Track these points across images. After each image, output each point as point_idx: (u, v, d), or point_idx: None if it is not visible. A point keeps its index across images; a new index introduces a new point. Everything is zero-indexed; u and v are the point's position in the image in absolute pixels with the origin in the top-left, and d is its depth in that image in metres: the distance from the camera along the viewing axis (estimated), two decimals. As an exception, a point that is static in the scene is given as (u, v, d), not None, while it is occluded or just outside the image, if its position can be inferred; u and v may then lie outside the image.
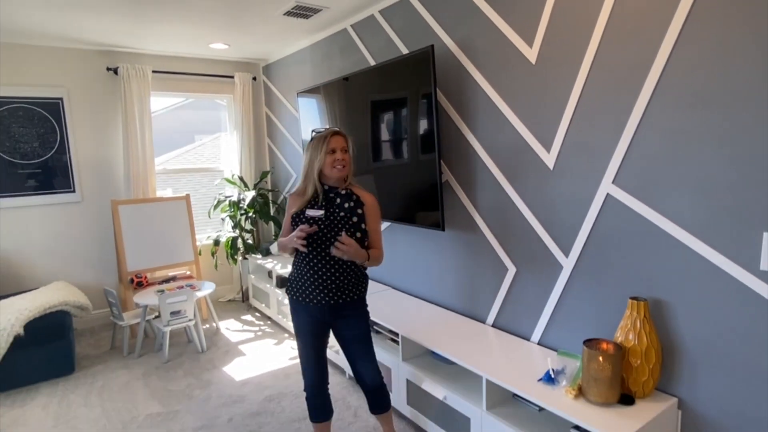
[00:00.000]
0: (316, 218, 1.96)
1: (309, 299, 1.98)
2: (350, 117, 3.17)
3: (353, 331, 2.04)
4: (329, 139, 1.96)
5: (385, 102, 2.83)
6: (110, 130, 4.08)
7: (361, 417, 2.58)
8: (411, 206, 2.77)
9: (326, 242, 1.95)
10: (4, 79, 3.62)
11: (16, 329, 2.88)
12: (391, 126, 2.84)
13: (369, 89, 2.94)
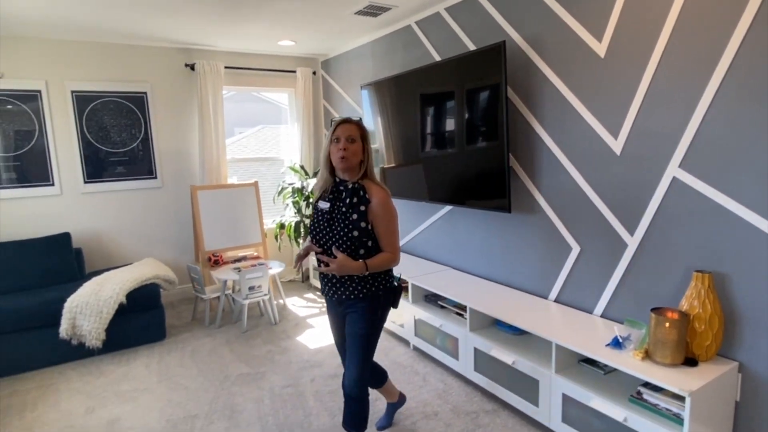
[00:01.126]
0: (324, 211, 1.92)
1: (329, 295, 2.02)
2: (414, 108, 3.40)
3: (351, 328, 1.96)
4: (336, 127, 1.90)
5: (453, 94, 3.05)
6: (187, 121, 4.45)
7: (429, 382, 2.84)
8: (474, 191, 2.99)
9: (325, 236, 1.90)
10: (98, 75, 4.02)
11: (120, 298, 3.27)
12: (456, 116, 3.06)
13: (436, 82, 3.17)
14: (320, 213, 1.94)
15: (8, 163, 3.77)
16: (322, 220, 1.93)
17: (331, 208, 1.92)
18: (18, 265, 3.48)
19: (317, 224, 1.94)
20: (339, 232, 1.87)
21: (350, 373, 1.94)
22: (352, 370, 1.94)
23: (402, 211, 4.02)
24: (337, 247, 1.87)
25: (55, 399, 2.78)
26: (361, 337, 1.93)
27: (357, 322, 1.94)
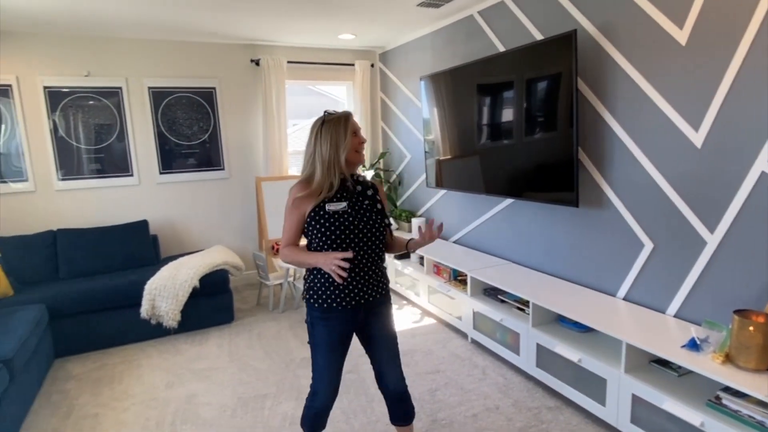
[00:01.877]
0: (339, 212, 1.73)
1: (346, 302, 1.75)
2: (472, 100, 3.37)
3: (384, 330, 1.87)
4: (351, 120, 1.76)
5: (513, 84, 2.99)
6: (251, 115, 4.63)
7: (489, 375, 2.84)
8: (537, 184, 2.94)
9: (358, 235, 1.74)
10: (172, 72, 4.27)
11: (194, 282, 3.49)
12: (517, 107, 3.00)
13: (498, 73, 3.12)
14: (338, 215, 1.72)
15: (92, 155, 4.10)
16: (347, 221, 1.73)
17: (351, 206, 1.76)
18: (103, 249, 3.79)
19: (342, 226, 1.72)
20: (375, 224, 1.78)
21: (397, 372, 1.91)
22: (396, 368, 1.91)
23: (458, 204, 4.01)
24: (374, 241, 1.77)
25: (138, 373, 3.03)
26: (395, 335, 1.92)
27: (389, 322, 1.89)
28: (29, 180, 3.89)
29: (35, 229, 3.87)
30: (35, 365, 2.81)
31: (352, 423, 2.42)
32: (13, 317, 2.81)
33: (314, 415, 1.85)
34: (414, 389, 2.70)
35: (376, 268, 1.79)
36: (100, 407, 2.65)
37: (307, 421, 1.88)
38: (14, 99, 3.78)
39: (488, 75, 3.24)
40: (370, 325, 1.83)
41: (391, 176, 5.14)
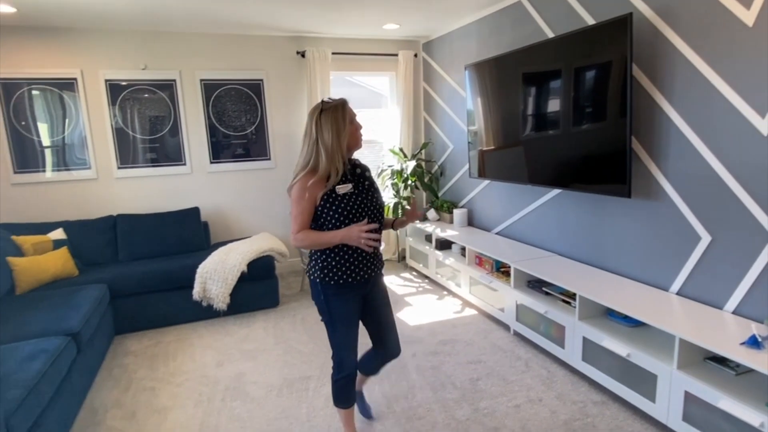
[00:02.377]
0: (348, 194, 1.85)
1: (360, 277, 1.90)
2: (517, 89, 3.31)
3: (384, 299, 2.04)
4: (347, 107, 1.85)
5: (561, 72, 2.91)
6: (296, 106, 4.73)
7: (532, 368, 2.81)
8: (585, 174, 2.86)
9: (363, 214, 1.86)
10: (223, 64, 4.41)
11: (242, 267, 3.63)
12: (565, 96, 2.92)
13: (546, 60, 3.04)
14: (347, 197, 1.84)
15: (147, 145, 4.31)
16: (354, 201, 1.85)
17: (356, 187, 1.89)
18: (158, 234, 4.00)
19: (351, 206, 1.83)
20: (378, 204, 1.95)
21: (396, 336, 2.14)
22: (395, 333, 2.14)
23: (501, 195, 3.96)
24: (378, 215, 1.93)
25: (191, 352, 3.19)
26: (390, 304, 2.11)
27: (386, 293, 2.09)
28: (92, 168, 4.15)
29: (97, 214, 4.12)
30: (98, 340, 3.01)
31: (393, 407, 2.46)
32: (78, 295, 3.02)
33: (345, 385, 2.00)
34: (455, 378, 2.71)
35: (378, 243, 1.88)
36: (157, 381, 2.82)
37: (341, 395, 2.03)
38: (79, 92, 4.03)
39: (535, 63, 3.16)
40: (373, 295, 2.01)
41: (433, 167, 5.12)
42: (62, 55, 3.95)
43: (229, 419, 2.41)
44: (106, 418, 2.46)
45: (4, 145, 3.90)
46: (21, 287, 3.19)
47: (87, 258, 3.76)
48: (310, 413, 2.43)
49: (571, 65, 2.87)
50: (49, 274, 3.32)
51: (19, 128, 3.92)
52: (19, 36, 3.82)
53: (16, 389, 1.91)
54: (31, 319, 2.66)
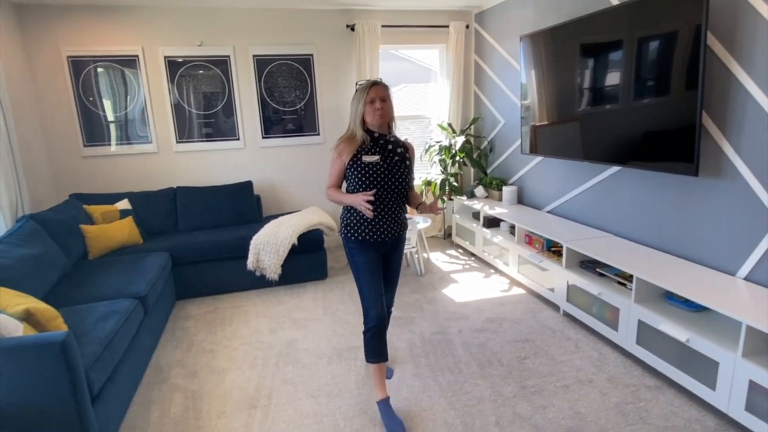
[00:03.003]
0: (373, 163, 2.12)
1: (377, 236, 2.16)
2: (581, 60, 3.14)
3: (397, 262, 2.34)
4: (369, 89, 2.10)
5: (628, 42, 2.74)
6: (345, 81, 4.73)
7: (582, 349, 2.76)
8: (646, 151, 2.72)
9: (386, 184, 2.12)
10: (274, 39, 4.46)
11: (293, 239, 3.74)
12: (631, 67, 2.75)
13: (610, 29, 2.87)
14: (372, 166, 2.11)
15: (202, 121, 4.46)
16: (380, 171, 2.11)
17: (384, 159, 2.13)
18: (214, 206, 4.17)
19: (375, 175, 2.10)
20: (400, 177, 2.15)
21: (392, 295, 2.43)
22: (393, 293, 2.43)
23: (554, 172, 3.83)
24: (401, 190, 2.16)
25: (245, 318, 3.35)
26: (400, 268, 2.39)
27: (400, 257, 2.35)
28: (153, 142, 4.36)
29: (159, 186, 4.35)
30: (162, 304, 3.22)
31: (439, 380, 2.49)
32: (143, 262, 3.23)
33: (371, 338, 2.17)
34: (502, 355, 2.71)
35: (399, 210, 2.20)
36: (215, 345, 2.99)
37: (368, 348, 2.20)
38: (140, 68, 4.21)
39: (595, 33, 2.99)
40: (390, 257, 2.29)
41: (482, 143, 5.01)
42: (125, 33, 4.12)
43: (282, 383, 2.53)
44: (171, 376, 2.64)
45: (75, 119, 4.16)
46: (92, 253, 3.44)
47: (150, 227, 4.00)
48: (358, 382, 2.51)
49: (634, 34, 2.69)
50: (116, 241, 3.56)
51: (87, 104, 4.16)
52: (86, 15, 4.01)
53: (93, 345, 2.08)
54: (103, 283, 2.87)
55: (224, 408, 2.33)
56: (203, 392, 2.47)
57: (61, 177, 4.22)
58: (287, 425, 2.18)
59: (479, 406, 2.27)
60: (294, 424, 2.19)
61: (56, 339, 1.74)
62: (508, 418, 2.17)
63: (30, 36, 3.95)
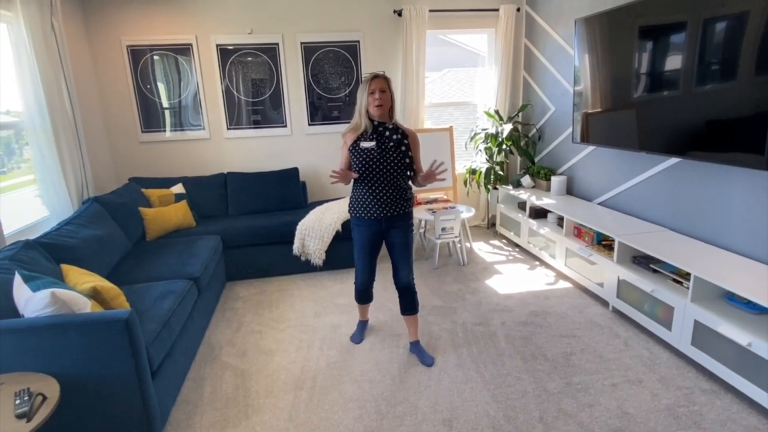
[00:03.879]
0: (369, 149, 2.36)
1: (369, 214, 2.43)
2: (639, 44, 2.97)
3: (400, 238, 2.50)
4: (370, 82, 2.32)
5: (692, 23, 2.56)
6: (391, 67, 4.70)
7: (631, 347, 2.67)
8: (711, 141, 2.55)
9: (380, 167, 2.36)
10: (322, 27, 4.48)
11: (337, 226, 3.79)
12: (693, 50, 2.58)
13: (674, 10, 2.69)
14: (368, 151, 2.35)
15: (251, 108, 4.57)
16: (373, 156, 2.35)
17: (379, 145, 2.36)
18: (262, 191, 4.29)
19: (370, 160, 2.35)
20: (393, 161, 2.37)
21: (408, 273, 2.58)
22: (408, 270, 2.58)
23: (606, 163, 3.67)
24: (393, 173, 2.37)
25: (291, 302, 3.46)
26: (410, 244, 2.55)
27: (406, 234, 2.52)
28: (205, 128, 4.51)
29: (210, 171, 4.51)
30: (213, 285, 3.36)
31: (482, 372, 2.48)
32: (197, 244, 3.38)
33: (357, 291, 2.75)
34: (547, 350, 2.67)
35: (393, 191, 2.42)
36: (263, 326, 3.11)
37: (356, 296, 2.79)
38: (193, 56, 4.35)
39: (655, 14, 2.82)
40: (391, 234, 2.51)
41: (530, 130, 4.87)
42: (180, 22, 4.26)
43: (326, 366, 2.60)
44: (222, 355, 2.77)
45: (134, 106, 4.36)
46: (150, 234, 3.63)
47: (202, 211, 4.16)
48: (401, 369, 2.54)
49: (700, 15, 2.52)
50: (172, 224, 3.74)
51: (144, 91, 4.35)
52: (144, 5, 4.17)
53: (153, 323, 2.21)
54: (160, 263, 3.03)
55: (272, 388, 2.42)
56: (252, 371, 2.58)
57: (121, 161, 4.46)
58: (332, 408, 2.25)
59: (522, 400, 2.25)
60: (338, 407, 2.25)
61: (121, 316, 1.86)
62: (553, 414, 2.14)
63: (93, 27, 4.15)
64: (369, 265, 2.63)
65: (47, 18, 3.29)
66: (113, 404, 1.92)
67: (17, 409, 1.55)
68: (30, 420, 1.52)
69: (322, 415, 2.20)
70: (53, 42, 3.34)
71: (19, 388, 1.66)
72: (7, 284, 2.01)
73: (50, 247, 2.50)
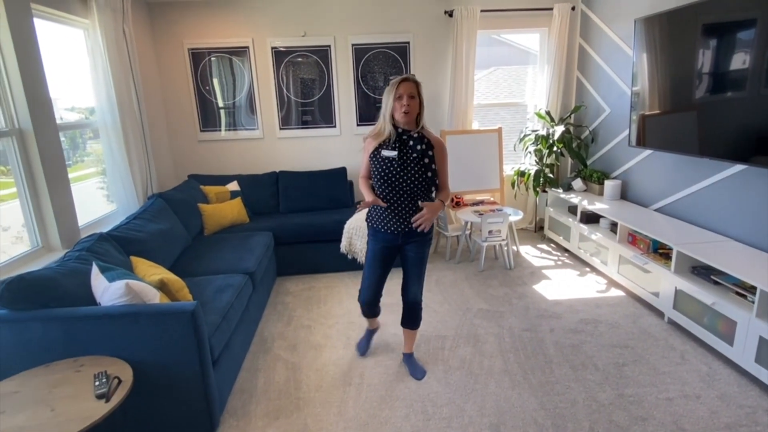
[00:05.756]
0: (390, 158, 2.19)
1: (386, 227, 2.30)
2: (703, 42, 2.84)
3: (414, 254, 2.36)
4: (398, 85, 2.12)
5: (763, 19, 2.43)
6: (440, 68, 4.70)
7: (689, 361, 2.57)
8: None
9: (400, 179, 2.19)
10: (372, 28, 4.54)
11: (384, 226, 3.84)
12: (763, 49, 2.44)
13: (743, 6, 2.55)
14: (388, 160, 2.19)
15: (301, 108, 4.69)
16: (394, 167, 2.19)
17: (401, 155, 2.18)
18: (311, 190, 4.40)
19: (390, 170, 2.19)
20: (414, 174, 2.19)
21: (417, 288, 2.45)
22: (419, 286, 2.45)
23: (665, 168, 3.53)
24: (414, 187, 2.20)
25: (338, 298, 3.54)
26: (424, 261, 2.41)
27: (423, 250, 2.37)
28: (259, 128, 4.68)
29: (263, 169, 4.68)
30: (266, 280, 3.50)
31: (530, 379, 2.47)
32: (251, 240, 3.52)
33: (362, 307, 2.59)
34: (597, 360, 2.61)
35: (413, 205, 2.25)
36: (312, 321, 3.21)
37: (362, 311, 2.63)
38: (250, 59, 4.51)
39: (722, 11, 2.68)
40: (406, 249, 2.37)
41: (583, 132, 4.74)
42: (237, 26, 4.43)
43: (374, 364, 2.66)
44: (273, 347, 2.89)
45: (194, 106, 4.58)
46: (208, 229, 3.82)
47: (255, 207, 4.33)
48: (446, 371, 2.57)
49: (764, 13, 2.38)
50: (228, 219, 3.92)
51: (203, 92, 4.56)
52: (205, 10, 4.37)
53: (214, 315, 2.34)
54: (218, 257, 3.19)
55: (321, 382, 2.51)
56: (302, 365, 2.68)
57: (180, 159, 4.70)
58: (379, 405, 2.30)
59: (572, 409, 2.22)
60: (385, 405, 2.30)
61: (187, 308, 1.99)
62: (604, 426, 2.10)
63: (158, 31, 4.39)
64: (378, 280, 2.45)
65: (119, 25, 3.51)
66: (178, 390, 2.05)
67: (97, 390, 1.69)
68: (108, 401, 1.65)
69: (370, 412, 2.26)
70: (124, 47, 3.57)
71: (98, 371, 1.81)
72: (85, 274, 2.18)
73: (121, 239, 2.68)
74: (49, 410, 1.60)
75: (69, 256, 2.32)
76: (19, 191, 2.67)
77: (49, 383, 1.76)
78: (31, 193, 2.70)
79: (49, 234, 2.79)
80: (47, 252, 2.78)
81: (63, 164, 2.88)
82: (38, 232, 2.75)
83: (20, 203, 2.69)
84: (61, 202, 2.83)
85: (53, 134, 2.80)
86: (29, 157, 2.68)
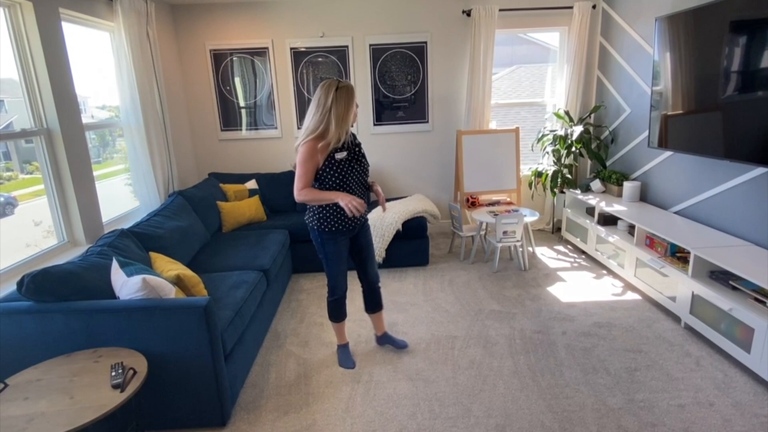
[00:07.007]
0: (343, 160, 2.29)
1: (349, 226, 2.41)
2: (730, 40, 2.76)
3: (367, 240, 2.57)
4: (353, 94, 2.25)
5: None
6: (457, 68, 4.69)
7: (704, 367, 2.51)
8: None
9: (355, 175, 2.35)
10: (389, 28, 4.56)
11: (397, 225, 3.87)
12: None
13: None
14: (345, 162, 2.29)
15: (322, 107, 4.74)
16: (348, 166, 2.30)
17: (350, 155, 2.32)
18: (327, 189, 4.45)
19: (345, 170, 2.29)
20: (363, 167, 2.39)
21: (376, 270, 2.66)
22: (374, 267, 2.65)
23: (685, 169, 3.45)
24: (363, 179, 2.41)
25: (351, 296, 3.58)
26: (371, 242, 2.61)
27: (369, 235, 2.60)
28: (277, 128, 4.76)
29: (281, 168, 4.76)
30: (281, 277, 3.56)
31: (539, 381, 2.46)
32: (267, 237, 3.59)
33: (337, 305, 2.62)
34: (609, 364, 2.58)
35: (365, 196, 2.46)
36: (324, 318, 3.26)
37: (334, 312, 2.65)
38: (269, 59, 4.59)
39: (753, 9, 2.60)
40: (359, 238, 2.54)
41: (603, 133, 4.66)
42: (258, 27, 4.52)
43: (383, 362, 2.69)
44: (286, 343, 2.95)
45: (215, 106, 4.69)
46: (226, 227, 3.91)
47: (272, 205, 4.41)
48: (455, 371, 2.58)
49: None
50: (245, 217, 4.00)
51: (224, 92, 4.67)
52: (226, 12, 4.47)
53: (227, 310, 2.41)
54: (234, 254, 3.27)
55: (331, 379, 2.55)
56: (313, 361, 2.73)
57: (202, 157, 4.82)
58: (387, 403, 2.33)
59: (580, 413, 2.20)
60: (393, 403, 2.33)
61: (201, 303, 2.05)
62: (612, 430, 2.08)
63: (181, 33, 4.51)
64: (345, 274, 2.57)
65: (144, 27, 3.63)
66: (190, 383, 2.12)
67: (113, 380, 1.77)
68: (123, 391, 1.73)
69: (377, 410, 2.29)
70: (148, 48, 3.68)
71: (114, 362, 1.90)
72: (106, 268, 2.28)
73: (141, 235, 2.78)
74: (68, 398, 1.68)
75: (91, 251, 2.42)
76: (47, 188, 2.80)
77: (70, 372, 1.85)
78: (57, 190, 2.82)
79: (74, 229, 2.92)
80: (72, 246, 2.90)
81: (88, 163, 3.00)
82: (64, 228, 2.87)
83: (48, 200, 2.81)
84: (85, 199, 2.95)
85: (79, 134, 2.92)
86: (56, 156, 2.80)
